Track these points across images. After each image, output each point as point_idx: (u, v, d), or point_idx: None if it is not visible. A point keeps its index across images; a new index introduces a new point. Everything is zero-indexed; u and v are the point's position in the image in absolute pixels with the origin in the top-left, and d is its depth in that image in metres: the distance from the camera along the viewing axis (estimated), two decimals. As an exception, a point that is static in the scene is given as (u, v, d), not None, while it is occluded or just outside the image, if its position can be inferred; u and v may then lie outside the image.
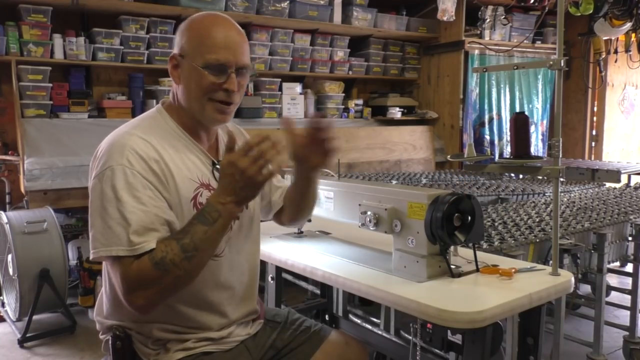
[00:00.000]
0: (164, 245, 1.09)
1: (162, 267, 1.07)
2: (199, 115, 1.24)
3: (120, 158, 1.12)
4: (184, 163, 1.22)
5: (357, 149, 4.39)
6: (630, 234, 2.47)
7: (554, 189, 1.44)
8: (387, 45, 4.82)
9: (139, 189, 1.11)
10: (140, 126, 1.22)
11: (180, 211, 1.18)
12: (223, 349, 1.27)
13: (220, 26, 1.21)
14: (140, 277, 1.07)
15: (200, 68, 1.19)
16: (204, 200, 1.20)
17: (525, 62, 1.79)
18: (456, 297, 1.24)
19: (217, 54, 1.19)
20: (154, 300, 1.10)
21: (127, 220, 1.08)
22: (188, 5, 3.57)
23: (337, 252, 1.60)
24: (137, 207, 1.10)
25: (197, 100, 1.22)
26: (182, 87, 1.23)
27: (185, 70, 1.21)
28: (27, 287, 2.82)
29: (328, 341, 1.44)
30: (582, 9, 3.48)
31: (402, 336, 2.07)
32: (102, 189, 1.11)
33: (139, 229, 1.08)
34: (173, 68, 1.24)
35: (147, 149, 1.16)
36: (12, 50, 3.22)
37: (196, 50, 1.19)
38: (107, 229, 1.09)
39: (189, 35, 1.22)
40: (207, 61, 1.19)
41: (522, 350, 1.47)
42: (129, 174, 1.11)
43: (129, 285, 1.08)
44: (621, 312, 3.02)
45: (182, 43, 1.22)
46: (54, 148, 3.20)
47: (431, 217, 1.28)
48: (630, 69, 4.63)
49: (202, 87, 1.20)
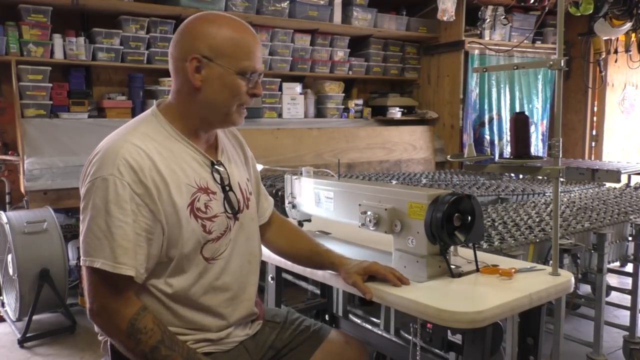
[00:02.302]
0: (151, 325, 1.12)
1: (131, 335, 1.11)
2: (220, 119, 1.24)
3: (111, 167, 1.11)
4: (181, 168, 1.20)
5: (357, 149, 4.39)
6: (630, 234, 2.47)
7: (554, 189, 1.44)
8: (387, 45, 4.82)
9: (127, 201, 1.11)
10: (135, 131, 1.19)
11: (176, 220, 1.17)
12: (222, 349, 1.27)
13: (248, 32, 1.22)
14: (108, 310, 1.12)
15: (234, 74, 1.19)
16: (202, 206, 1.20)
17: (525, 62, 1.78)
18: (456, 297, 1.24)
19: (252, 61, 1.20)
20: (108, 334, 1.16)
21: (112, 234, 1.09)
22: (188, 5, 3.57)
23: (337, 252, 1.60)
24: (123, 220, 1.10)
25: (226, 105, 1.21)
26: (205, 91, 1.20)
27: (215, 73, 1.18)
28: (27, 287, 2.82)
29: (328, 340, 1.44)
30: (582, 9, 3.48)
31: (402, 336, 2.07)
32: (92, 198, 1.11)
33: (124, 244, 1.10)
34: (195, 71, 1.18)
35: (139, 157, 1.14)
36: (12, 50, 3.22)
37: (231, 56, 1.18)
38: (95, 239, 1.10)
39: (217, 38, 1.18)
40: (245, 68, 1.19)
41: (522, 350, 1.47)
42: (119, 185, 1.10)
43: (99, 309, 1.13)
44: (621, 312, 3.02)
45: (209, 45, 1.17)
46: (54, 148, 3.20)
47: (431, 217, 1.28)
48: (630, 69, 4.63)
49: (236, 92, 1.20)
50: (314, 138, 4.20)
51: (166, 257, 1.18)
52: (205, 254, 1.22)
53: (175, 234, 1.17)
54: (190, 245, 1.19)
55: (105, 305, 1.12)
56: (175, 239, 1.17)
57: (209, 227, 1.21)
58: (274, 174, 3.55)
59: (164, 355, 1.12)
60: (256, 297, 1.39)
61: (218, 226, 1.23)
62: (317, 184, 1.68)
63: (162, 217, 1.15)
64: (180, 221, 1.17)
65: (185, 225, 1.17)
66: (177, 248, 1.18)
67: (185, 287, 1.20)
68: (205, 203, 1.22)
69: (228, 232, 1.26)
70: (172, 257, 1.18)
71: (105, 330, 1.15)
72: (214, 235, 1.22)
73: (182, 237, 1.18)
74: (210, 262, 1.23)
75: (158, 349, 1.11)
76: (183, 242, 1.18)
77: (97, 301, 1.12)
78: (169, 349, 1.12)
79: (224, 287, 1.26)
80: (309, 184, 1.72)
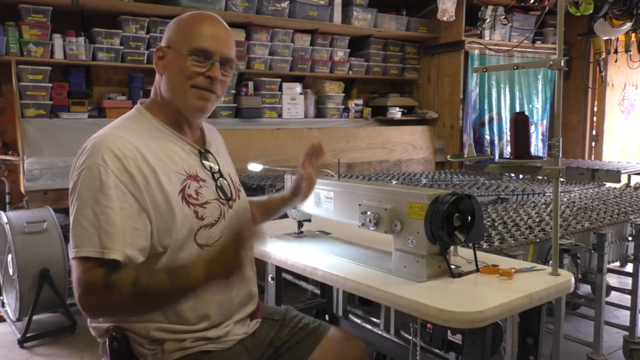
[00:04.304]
0: (124, 272, 1.09)
1: (110, 289, 1.07)
2: (179, 103, 1.25)
3: (96, 157, 1.12)
4: (168, 156, 1.22)
5: (357, 149, 4.39)
6: (630, 234, 2.47)
7: (554, 189, 1.44)
8: (387, 45, 4.82)
9: (111, 187, 1.11)
10: (121, 126, 1.23)
11: (167, 207, 1.17)
12: (221, 347, 1.27)
13: (208, 19, 1.26)
14: (89, 286, 1.08)
15: (185, 55, 1.21)
16: (193, 192, 1.22)
17: (525, 62, 1.79)
18: (456, 297, 1.24)
19: (202, 41, 1.22)
20: (102, 313, 1.14)
21: (99, 221, 1.09)
22: (188, 5, 3.57)
23: (337, 252, 1.60)
24: (107, 206, 1.10)
25: (179, 87, 1.23)
26: (165, 77, 1.25)
27: (170, 58, 1.24)
28: (27, 287, 2.82)
29: (327, 338, 1.44)
30: (582, 9, 3.49)
31: (402, 336, 2.06)
32: (78, 189, 1.12)
33: (108, 228, 1.09)
34: (158, 59, 1.26)
35: (124, 147, 1.15)
36: (12, 50, 3.22)
37: (183, 39, 1.23)
38: (82, 229, 1.09)
39: (176, 27, 1.26)
40: (193, 47, 1.21)
41: (522, 350, 1.47)
42: (102, 172, 1.11)
43: (82, 289, 1.08)
44: (621, 312, 3.02)
45: (170, 34, 1.26)
46: (54, 148, 3.20)
47: (431, 217, 1.28)
48: (630, 69, 4.63)
49: (185, 73, 1.22)
50: (314, 138, 4.20)
51: (160, 247, 1.18)
52: (199, 240, 1.22)
53: (167, 222, 1.17)
54: (184, 232, 1.19)
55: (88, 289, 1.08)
56: (168, 226, 1.18)
57: (201, 213, 1.22)
58: (274, 174, 3.55)
59: (145, 283, 1.08)
60: (256, 294, 1.39)
61: (211, 212, 1.25)
62: (317, 183, 1.68)
63: (149, 206, 1.15)
64: (172, 208, 1.17)
65: (179, 211, 1.18)
66: (170, 236, 1.18)
67: None
68: (196, 190, 1.23)
69: (222, 219, 1.27)
70: (167, 246, 1.18)
71: (93, 310, 1.11)
72: (207, 222, 1.23)
73: (176, 223, 1.18)
74: (204, 249, 1.23)
75: (139, 282, 1.07)
76: (177, 229, 1.18)
77: (80, 287, 1.08)
78: (149, 276, 1.10)
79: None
80: (309, 184, 1.72)
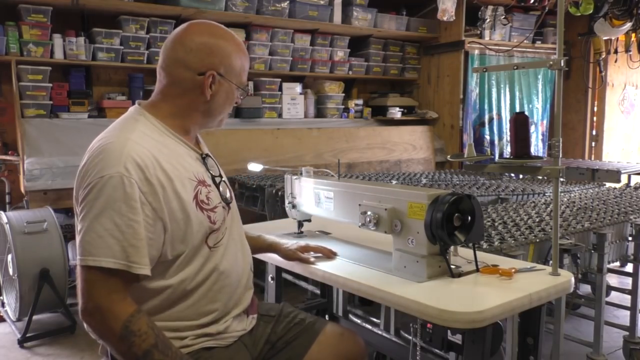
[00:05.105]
0: (145, 327, 1.09)
1: (124, 335, 1.08)
2: (214, 123, 1.36)
3: (118, 165, 1.11)
4: (180, 163, 1.23)
5: (357, 149, 4.39)
6: (630, 234, 2.47)
7: (554, 189, 1.44)
8: (387, 45, 4.82)
9: (136, 200, 1.11)
10: (132, 130, 1.20)
11: (183, 214, 1.18)
12: (222, 344, 1.28)
13: (245, 50, 1.36)
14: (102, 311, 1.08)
15: (235, 87, 1.32)
16: (204, 198, 1.23)
17: (525, 62, 1.78)
18: (456, 297, 1.24)
19: (246, 76, 1.36)
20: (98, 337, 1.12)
21: (123, 233, 1.09)
22: (188, 5, 3.57)
23: (337, 252, 1.60)
24: (133, 219, 1.10)
25: (222, 112, 1.35)
26: (212, 102, 1.29)
27: (224, 88, 1.30)
28: (27, 287, 2.82)
29: (324, 333, 1.45)
30: (582, 9, 3.49)
31: (402, 336, 2.07)
32: (97, 197, 1.10)
33: (135, 243, 1.09)
34: (209, 83, 1.27)
35: (143, 155, 1.15)
36: (12, 50, 3.22)
37: (234, 73, 1.31)
38: (98, 238, 1.08)
39: (233, 58, 1.30)
40: (242, 82, 1.34)
41: (522, 350, 1.47)
42: (127, 183, 1.10)
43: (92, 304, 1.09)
44: (621, 312, 3.02)
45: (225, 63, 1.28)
46: (54, 148, 3.20)
47: (431, 217, 1.28)
48: (630, 69, 4.63)
49: (232, 102, 1.35)
50: (314, 138, 4.20)
51: (171, 255, 1.19)
52: (210, 242, 1.25)
53: (183, 229, 1.18)
54: (199, 237, 1.22)
55: (99, 305, 1.09)
56: (184, 233, 1.19)
57: (213, 217, 1.25)
58: (274, 174, 3.55)
59: (157, 356, 1.10)
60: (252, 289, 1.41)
61: (219, 216, 1.28)
62: (317, 184, 1.68)
63: (165, 215, 1.16)
64: (188, 215, 1.19)
65: (194, 218, 1.20)
66: (186, 243, 1.19)
67: (190, 276, 1.21)
68: (206, 195, 1.25)
69: (224, 221, 1.30)
70: (180, 254, 1.19)
71: (97, 331, 1.11)
72: (217, 225, 1.26)
73: (192, 230, 1.20)
74: (212, 249, 1.26)
75: (151, 353, 1.09)
76: (193, 235, 1.20)
77: (91, 301, 1.09)
78: (161, 353, 1.10)
79: (225, 272, 1.28)
80: (309, 184, 1.72)
